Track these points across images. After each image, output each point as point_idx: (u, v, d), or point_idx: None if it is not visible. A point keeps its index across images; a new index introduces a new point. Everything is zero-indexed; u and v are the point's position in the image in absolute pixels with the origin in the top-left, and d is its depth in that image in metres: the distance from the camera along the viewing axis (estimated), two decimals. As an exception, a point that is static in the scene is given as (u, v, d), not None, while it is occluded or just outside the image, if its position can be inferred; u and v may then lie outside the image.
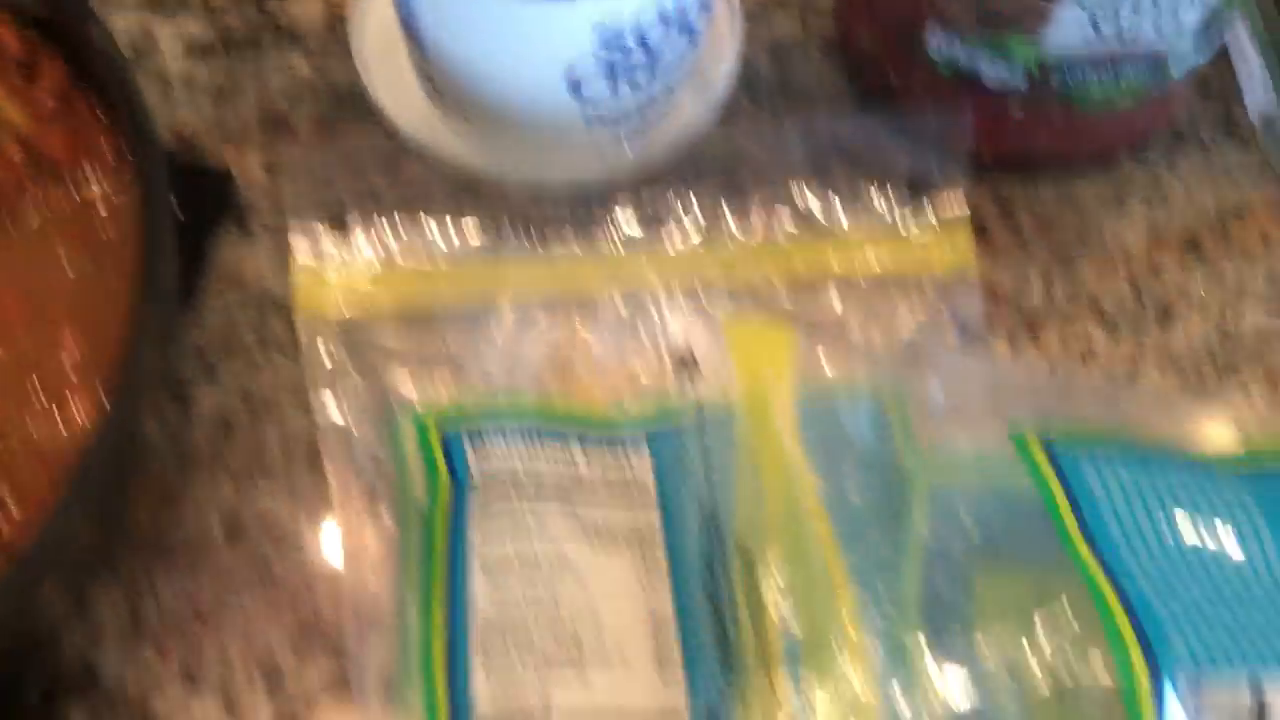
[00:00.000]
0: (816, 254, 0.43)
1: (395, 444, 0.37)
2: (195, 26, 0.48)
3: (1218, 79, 0.49)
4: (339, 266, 0.41)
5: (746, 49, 0.49)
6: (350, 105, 0.47)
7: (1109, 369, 0.43)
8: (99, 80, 0.38)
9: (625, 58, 0.40)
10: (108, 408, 0.32)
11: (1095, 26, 0.39)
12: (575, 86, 0.41)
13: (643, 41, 0.40)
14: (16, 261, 0.37)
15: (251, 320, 0.42)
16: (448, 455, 0.36)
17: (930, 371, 0.36)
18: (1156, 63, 0.41)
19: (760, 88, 0.48)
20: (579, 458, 0.37)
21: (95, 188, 0.38)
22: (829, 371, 0.37)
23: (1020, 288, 0.44)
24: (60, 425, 0.34)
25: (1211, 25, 0.40)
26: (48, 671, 0.34)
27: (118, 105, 0.38)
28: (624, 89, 0.42)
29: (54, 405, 0.35)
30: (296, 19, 0.48)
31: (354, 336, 0.40)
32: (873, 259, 0.43)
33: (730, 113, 0.47)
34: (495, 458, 0.36)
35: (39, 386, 0.35)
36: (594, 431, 0.38)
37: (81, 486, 0.30)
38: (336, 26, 0.48)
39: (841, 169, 0.44)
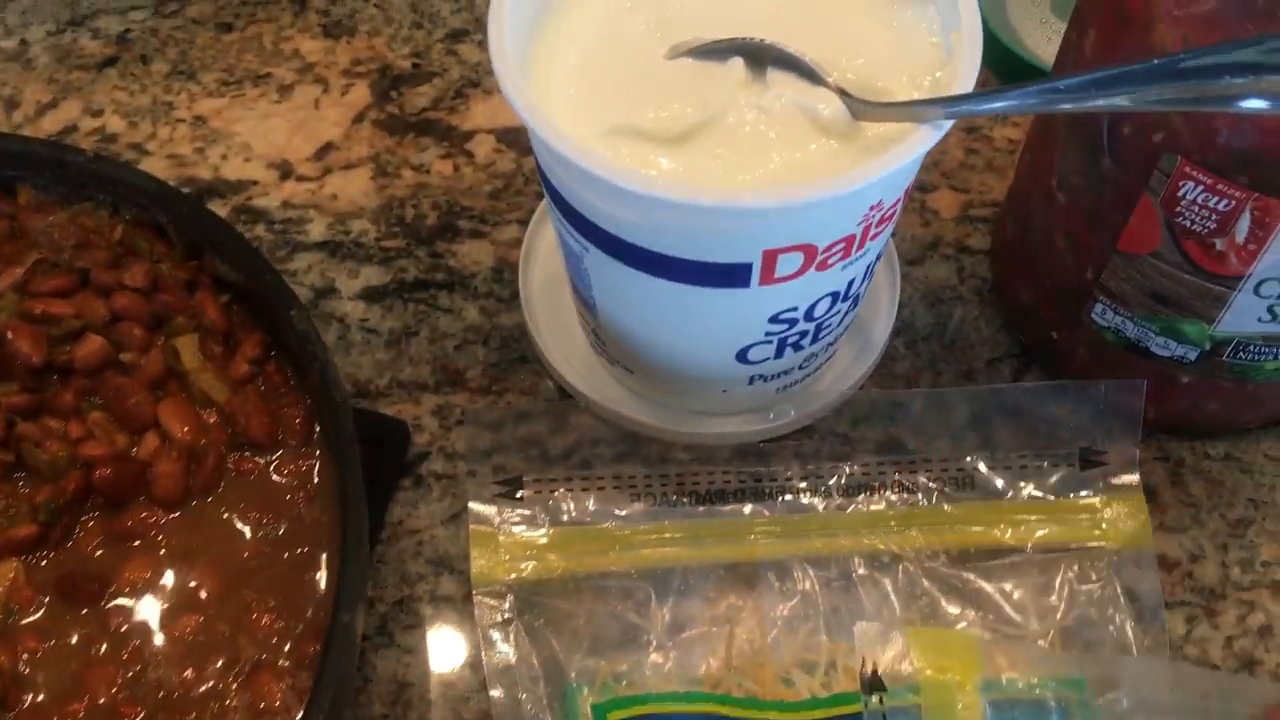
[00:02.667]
0: (983, 522, 0.43)
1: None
2: (371, 271, 0.50)
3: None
4: (511, 531, 0.42)
5: (903, 293, 0.50)
6: (518, 350, 0.48)
7: (1289, 647, 0.42)
8: (294, 353, 0.40)
9: (792, 329, 0.41)
10: (314, 681, 0.33)
11: (1273, 313, 0.39)
12: (743, 355, 0.42)
13: (811, 316, 0.41)
14: (212, 529, 0.39)
15: (424, 574, 0.43)
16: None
17: (1119, 679, 0.36)
18: (1336, 341, 0.40)
19: (917, 334, 0.49)
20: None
21: (285, 454, 0.40)
22: (1012, 676, 0.36)
23: (1193, 558, 0.43)
24: (260, 694, 0.35)
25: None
26: None
27: (310, 378, 0.39)
28: (788, 352, 0.43)
29: (252, 675, 0.36)
30: (466, 264, 0.50)
31: (526, 604, 0.41)
32: (1041, 528, 0.42)
33: (888, 359, 0.48)
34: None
35: (237, 656, 0.36)
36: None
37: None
38: (504, 271, 0.50)
39: (1006, 432, 0.44)
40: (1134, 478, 0.43)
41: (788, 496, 0.43)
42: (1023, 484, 0.43)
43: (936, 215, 0.52)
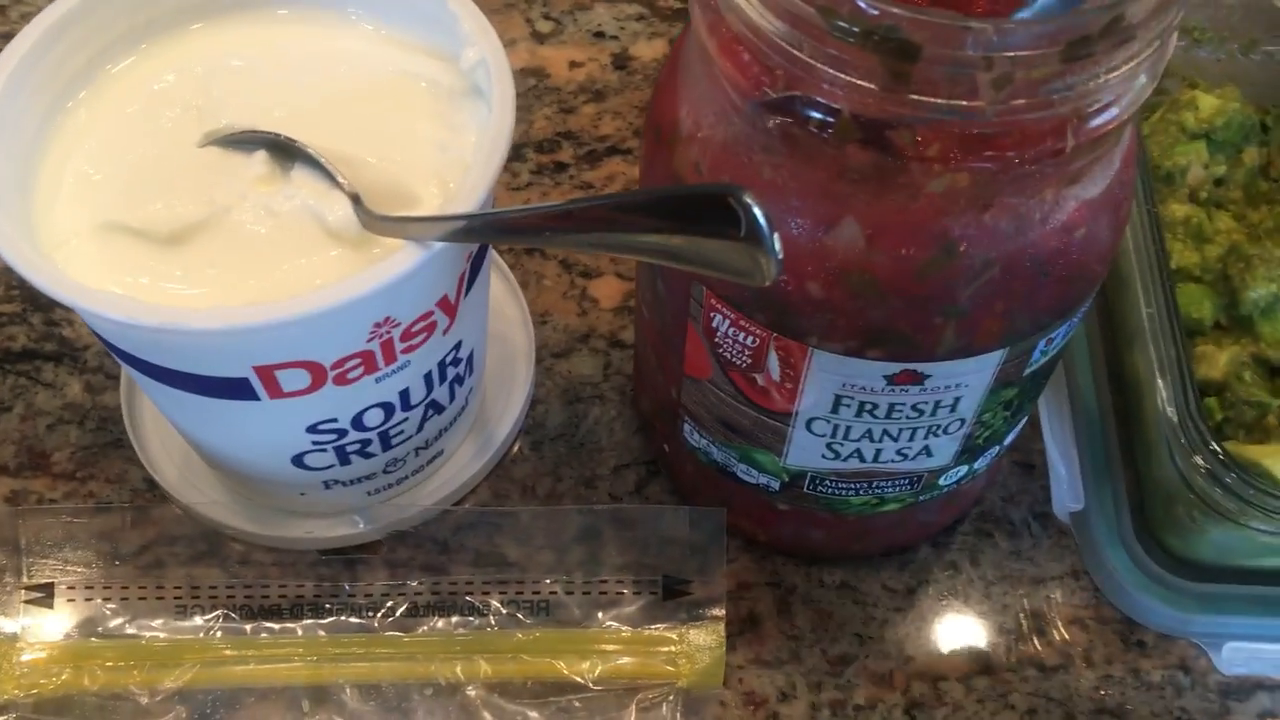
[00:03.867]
0: (553, 652, 0.40)
1: None
2: (-24, 338, 0.47)
3: (1040, 454, 0.45)
4: (34, 642, 0.39)
5: (542, 387, 0.47)
6: (115, 433, 0.45)
7: (866, 801, 0.39)
8: None
9: (344, 439, 0.38)
10: None
11: (833, 450, 0.36)
12: (299, 462, 0.39)
13: (362, 426, 0.38)
14: None
15: (-49, 682, 0.40)
16: None
17: None
18: (916, 479, 0.38)
19: (546, 435, 0.46)
20: None
21: None
22: None
23: (783, 697, 0.41)
24: None
25: (978, 447, 0.37)
26: None
27: None
28: (356, 460, 0.40)
29: None
30: (83, 333, 0.47)
31: (32, 723, 0.38)
32: (613, 661, 0.40)
33: (509, 461, 0.45)
34: None
35: None
36: None
37: None
38: (120, 344, 0.47)
39: (614, 549, 0.41)
40: (718, 610, 0.40)
41: (348, 615, 0.40)
42: (602, 613, 0.40)
43: (595, 305, 0.49)
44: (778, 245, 0.24)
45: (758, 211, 0.24)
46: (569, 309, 0.49)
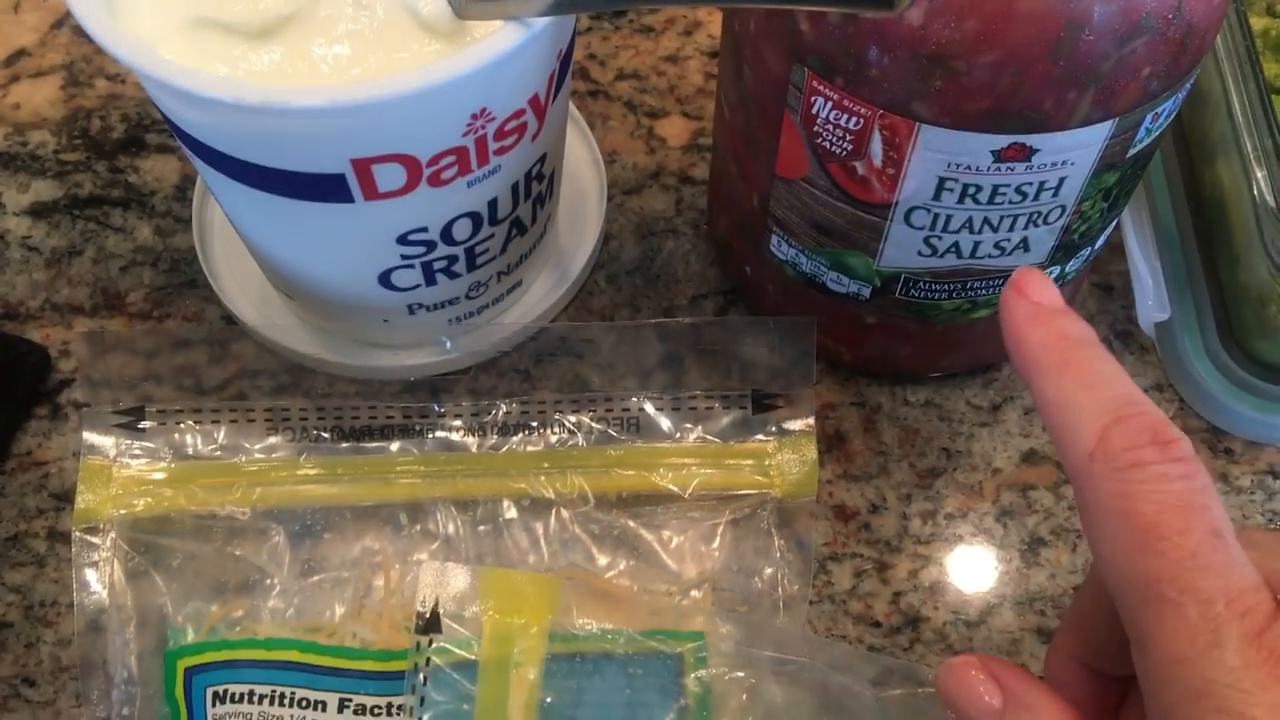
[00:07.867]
0: (645, 466, 0.40)
1: (167, 675, 0.35)
2: (43, 186, 0.47)
3: (1120, 276, 0.45)
4: (127, 464, 0.39)
5: (614, 223, 0.47)
6: (189, 274, 0.45)
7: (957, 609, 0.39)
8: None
9: (433, 252, 0.38)
10: None
11: (930, 246, 0.36)
12: (386, 280, 0.39)
13: (450, 239, 0.37)
14: None
15: (45, 509, 0.40)
16: (189, 699, 0.34)
17: (721, 626, 0.33)
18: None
19: (621, 268, 0.46)
20: (331, 704, 0.34)
21: None
22: (607, 627, 0.34)
23: (874, 509, 0.41)
24: None
25: (1073, 244, 0.37)
26: None
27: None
28: (441, 279, 0.39)
29: None
30: (149, 180, 0.47)
31: (132, 543, 0.38)
32: (705, 473, 0.39)
33: (585, 294, 0.45)
34: (233, 711, 0.33)
35: None
36: (357, 672, 0.35)
37: None
38: (189, 189, 0.47)
39: (686, 371, 0.41)
40: (808, 422, 0.40)
41: (439, 434, 0.40)
42: (691, 426, 0.40)
43: (664, 143, 0.49)
44: (919, -39, 0.24)
45: (899, -75, 0.24)
46: (637, 148, 0.49)
